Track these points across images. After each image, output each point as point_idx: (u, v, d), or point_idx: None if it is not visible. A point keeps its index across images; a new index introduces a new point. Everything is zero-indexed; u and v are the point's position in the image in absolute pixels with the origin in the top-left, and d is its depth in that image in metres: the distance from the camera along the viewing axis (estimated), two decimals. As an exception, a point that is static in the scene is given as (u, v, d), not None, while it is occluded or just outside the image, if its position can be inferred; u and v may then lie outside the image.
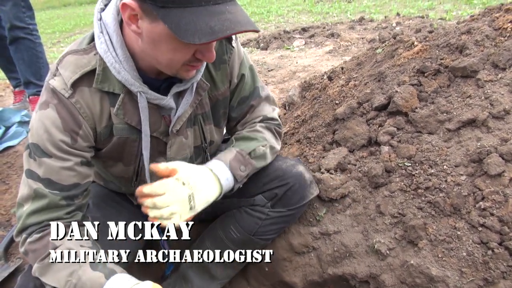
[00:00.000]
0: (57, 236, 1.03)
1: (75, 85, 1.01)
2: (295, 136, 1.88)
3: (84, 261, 1.02)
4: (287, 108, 2.32)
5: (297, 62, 3.68)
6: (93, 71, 1.02)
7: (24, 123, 2.49)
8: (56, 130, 1.01)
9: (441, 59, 1.51)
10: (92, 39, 1.05)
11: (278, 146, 1.36)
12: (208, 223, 1.52)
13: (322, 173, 1.49)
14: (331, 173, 1.48)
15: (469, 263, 1.18)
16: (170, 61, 0.97)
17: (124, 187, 1.31)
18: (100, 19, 1.03)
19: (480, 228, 1.20)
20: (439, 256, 1.22)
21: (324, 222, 1.44)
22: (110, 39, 1.01)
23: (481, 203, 1.22)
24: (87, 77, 1.02)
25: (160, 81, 1.11)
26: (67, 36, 8.12)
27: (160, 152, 1.20)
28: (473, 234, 1.21)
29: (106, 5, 1.05)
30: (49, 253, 1.01)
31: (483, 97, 1.36)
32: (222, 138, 1.40)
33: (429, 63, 1.52)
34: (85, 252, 1.03)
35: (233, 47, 1.22)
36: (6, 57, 2.81)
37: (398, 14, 5.70)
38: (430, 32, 1.76)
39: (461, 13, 5.22)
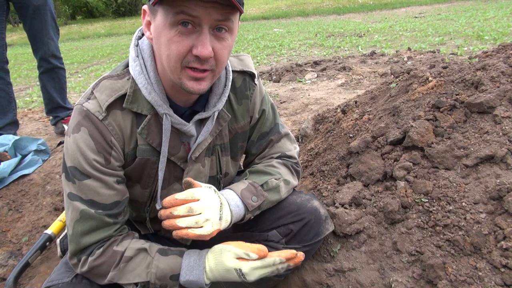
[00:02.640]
0: (119, 244, 1.12)
1: (110, 108, 1.06)
2: (308, 169, 1.87)
3: (152, 253, 1.11)
4: (300, 140, 2.32)
5: (309, 95, 3.72)
6: (125, 95, 1.08)
7: (40, 152, 2.52)
8: (89, 151, 1.05)
9: (456, 95, 1.51)
10: (125, 66, 1.13)
11: (294, 181, 1.36)
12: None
13: (337, 207, 1.47)
14: (346, 208, 1.46)
15: (492, 306, 1.13)
16: (169, 58, 0.97)
17: (136, 212, 1.31)
18: (137, 45, 1.11)
19: (502, 269, 1.15)
20: (460, 297, 1.17)
21: (339, 259, 1.41)
22: (145, 63, 1.08)
23: (502, 242, 1.18)
24: (120, 101, 1.08)
25: (184, 109, 1.16)
26: (85, 67, 8.36)
27: (176, 177, 1.22)
28: (495, 275, 1.16)
29: (143, 34, 1.14)
30: (121, 259, 1.09)
31: (501, 133, 1.35)
32: (236, 171, 1.40)
33: (444, 98, 1.51)
34: (149, 246, 1.12)
35: (256, 84, 1.29)
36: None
37: (409, 49, 5.77)
38: (444, 67, 1.77)
39: (472, 48, 5.26)
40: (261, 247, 1.11)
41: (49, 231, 1.76)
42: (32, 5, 2.72)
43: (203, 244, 1.17)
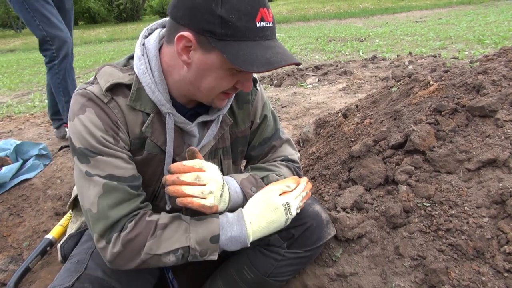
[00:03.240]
0: (151, 215, 1.08)
1: (111, 92, 1.07)
2: (310, 173, 1.86)
3: (187, 220, 1.09)
4: (301, 144, 2.32)
5: (310, 99, 3.72)
6: (126, 86, 1.09)
7: (41, 157, 2.53)
8: (98, 130, 1.04)
9: (458, 98, 1.51)
10: (128, 59, 1.15)
11: None
12: (221, 262, 1.48)
13: (338, 211, 1.46)
14: (348, 212, 1.45)
15: (495, 311, 1.12)
16: (212, 89, 1.04)
17: None
18: (143, 44, 1.12)
19: (506, 274, 1.14)
20: (463, 303, 1.16)
21: (341, 263, 1.40)
22: (149, 63, 1.09)
23: (505, 247, 1.17)
24: (121, 90, 1.09)
25: (186, 109, 1.17)
26: (86, 72, 8.38)
27: None
28: (498, 280, 1.15)
29: (149, 34, 1.15)
30: (157, 226, 1.05)
31: (503, 137, 1.34)
32: None
33: (446, 102, 1.51)
34: (182, 215, 1.11)
35: (257, 89, 1.31)
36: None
37: (410, 53, 5.77)
38: (446, 71, 1.77)
39: (473, 52, 5.27)
40: (294, 177, 1.21)
41: (50, 236, 1.76)
42: (64, 7, 2.89)
43: None
